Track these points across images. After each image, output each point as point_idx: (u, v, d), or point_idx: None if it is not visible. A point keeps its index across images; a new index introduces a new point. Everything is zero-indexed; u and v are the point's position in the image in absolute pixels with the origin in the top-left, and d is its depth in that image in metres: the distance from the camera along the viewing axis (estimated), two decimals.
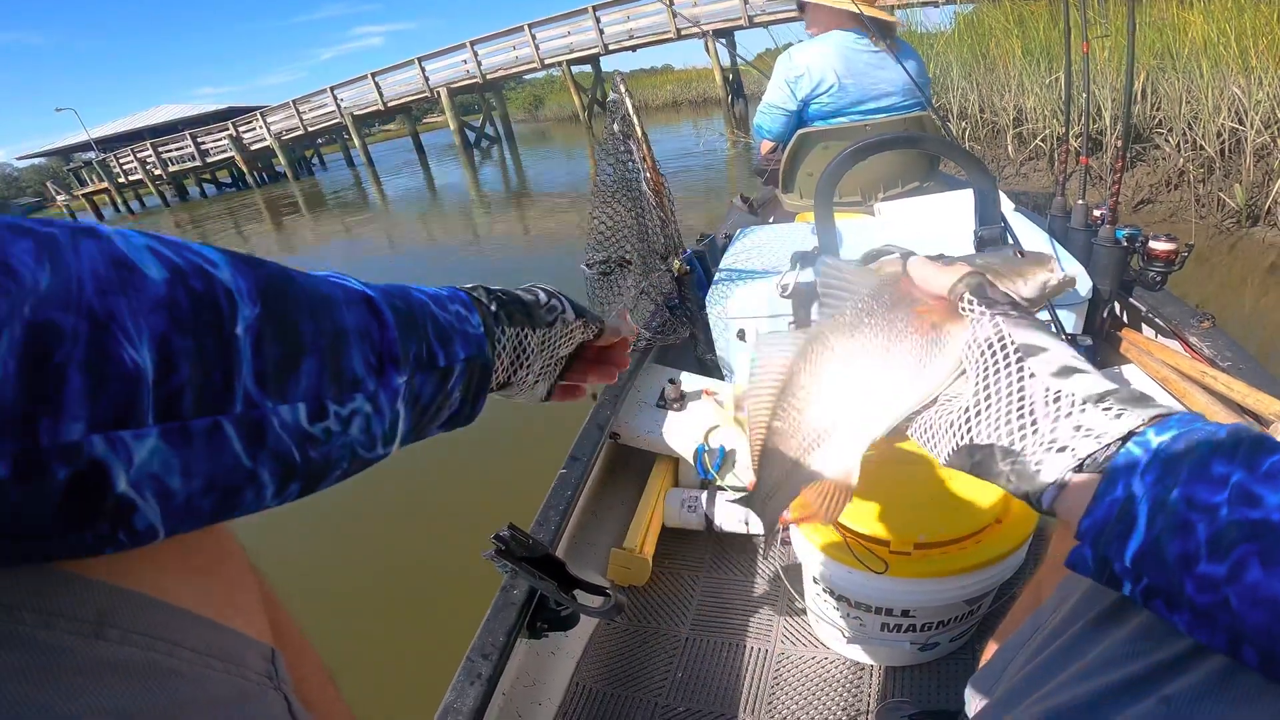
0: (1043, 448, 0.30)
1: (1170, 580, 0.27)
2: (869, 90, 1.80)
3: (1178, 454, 0.27)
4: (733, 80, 15.23)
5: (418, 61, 16.49)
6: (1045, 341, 0.32)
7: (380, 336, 0.30)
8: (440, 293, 0.36)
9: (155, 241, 0.23)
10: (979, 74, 5.04)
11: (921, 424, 0.36)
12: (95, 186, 22.92)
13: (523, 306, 0.41)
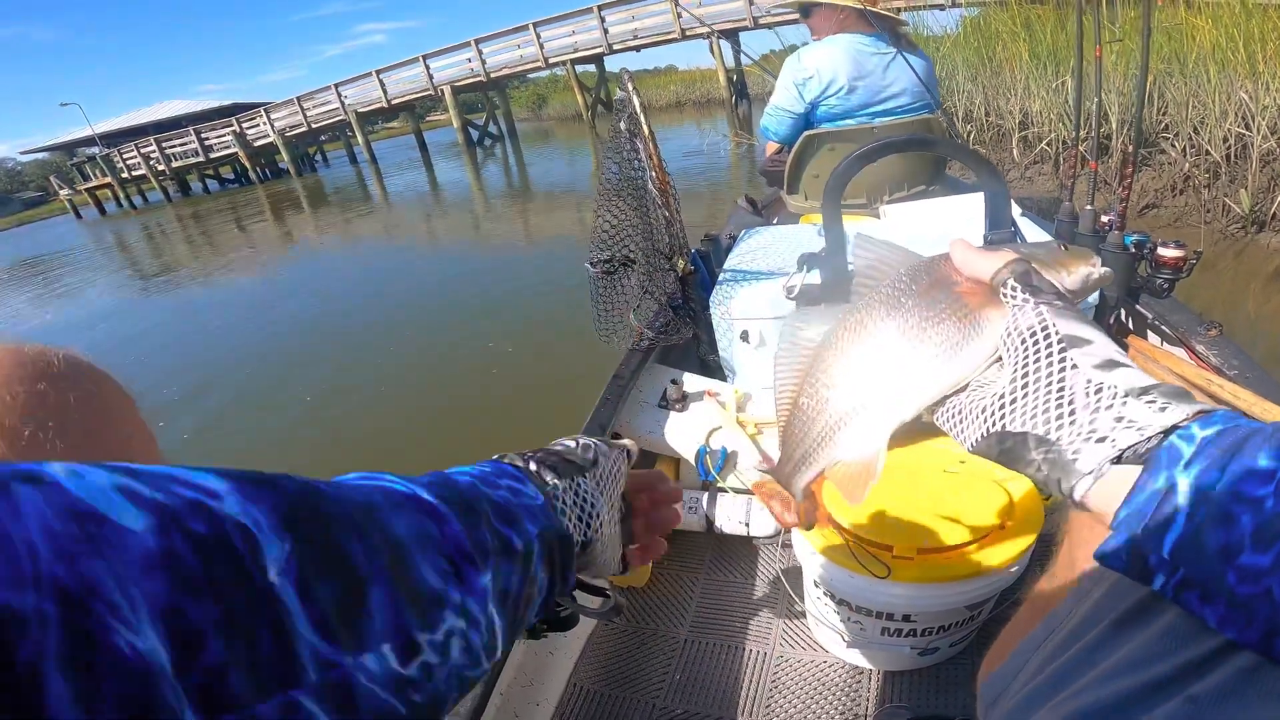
0: (1081, 438, 0.30)
1: (1210, 571, 0.27)
2: (877, 93, 1.79)
3: (1223, 448, 0.27)
4: (737, 81, 15.24)
5: (422, 59, 16.51)
6: (1090, 334, 0.32)
7: (443, 535, 0.26)
8: (482, 470, 0.33)
9: (127, 478, 0.18)
10: (985, 77, 5.03)
11: (950, 409, 0.35)
12: (98, 181, 22.96)
13: (561, 457, 0.38)
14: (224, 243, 10.56)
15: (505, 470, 0.34)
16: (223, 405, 3.63)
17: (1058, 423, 0.31)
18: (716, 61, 15.20)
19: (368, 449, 2.84)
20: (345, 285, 6.04)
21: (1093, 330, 0.33)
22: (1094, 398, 0.30)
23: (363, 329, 4.53)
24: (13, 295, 10.22)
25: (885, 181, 1.82)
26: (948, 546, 0.82)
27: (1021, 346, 0.33)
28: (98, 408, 0.32)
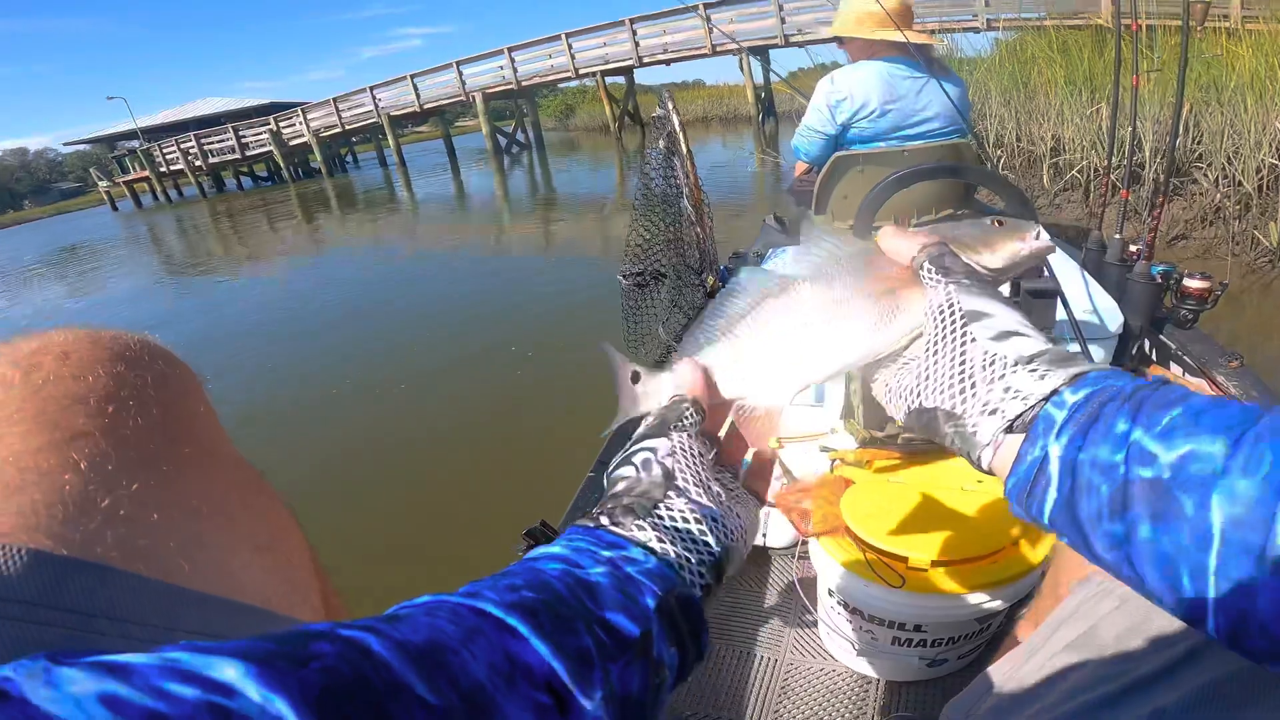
0: (978, 410, 0.31)
1: (1082, 538, 0.27)
2: (909, 116, 1.81)
3: (1088, 413, 0.28)
4: (764, 98, 15.29)
5: (456, 65, 16.77)
6: (990, 307, 0.33)
7: (534, 661, 0.22)
8: (575, 546, 0.29)
9: (114, 682, 0.14)
10: (1018, 101, 5.01)
11: (883, 385, 0.37)
12: (136, 174, 23.59)
13: (634, 495, 0.32)
14: (254, 239, 10.80)
15: (601, 538, 0.30)
16: (247, 396, 3.72)
17: (961, 396, 0.32)
18: (745, 78, 15.30)
19: (390, 448, 2.90)
20: (369, 286, 6.14)
21: (995, 303, 0.33)
22: (989, 370, 0.31)
23: (385, 329, 4.61)
24: (49, 282, 10.53)
25: (913, 204, 1.83)
26: (961, 560, 0.84)
27: (932, 325, 0.34)
28: (171, 388, 0.33)
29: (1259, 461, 0.23)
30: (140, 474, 0.28)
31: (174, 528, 0.28)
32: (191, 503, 0.30)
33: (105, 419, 0.29)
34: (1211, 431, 0.25)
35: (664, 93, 1.33)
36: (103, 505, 0.26)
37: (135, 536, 0.27)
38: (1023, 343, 0.31)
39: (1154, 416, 0.26)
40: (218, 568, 0.29)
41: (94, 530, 0.26)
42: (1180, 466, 0.25)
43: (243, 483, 0.35)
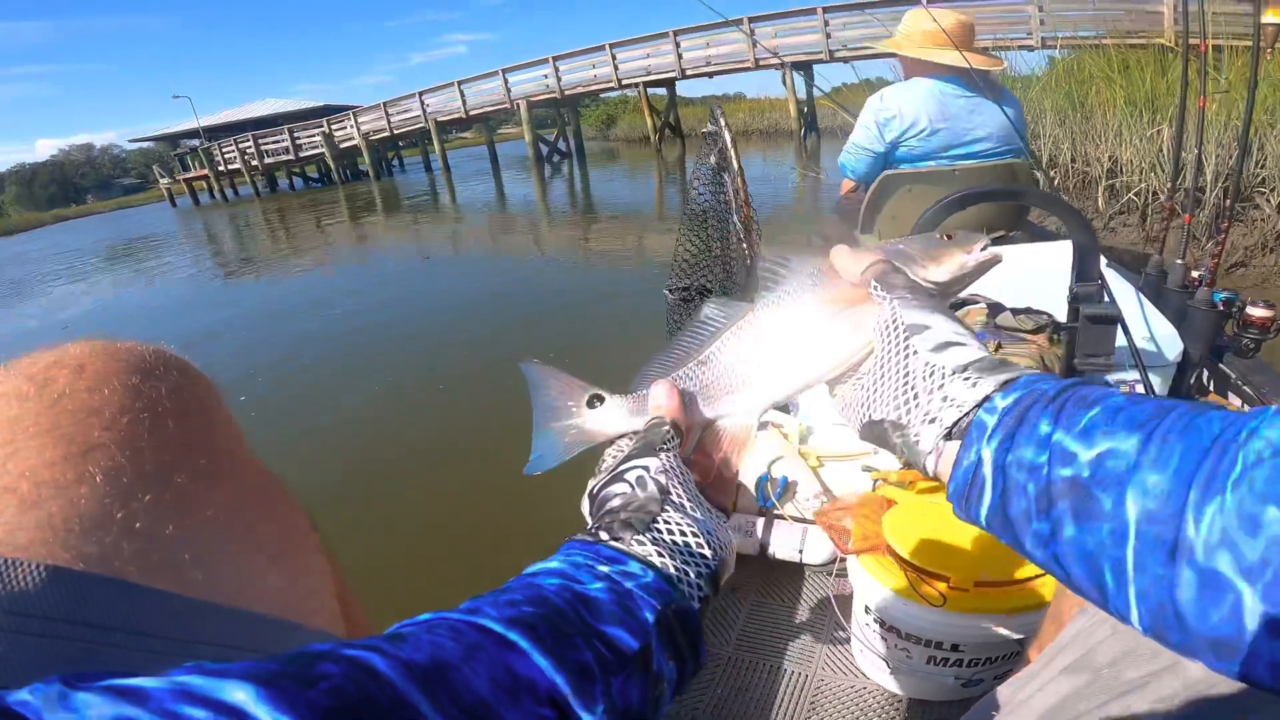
0: (920, 420, 0.32)
1: (1015, 538, 0.28)
2: (961, 135, 1.79)
3: (1015, 416, 0.28)
4: (807, 113, 15.22)
5: (502, 73, 17.13)
6: (930, 319, 0.34)
7: (536, 675, 0.23)
8: (573, 561, 0.29)
9: (125, 705, 0.15)
10: (1074, 122, 4.88)
11: (840, 400, 0.38)
12: (196, 172, 24.63)
13: (630, 509, 0.33)
14: (303, 240, 11.16)
15: (600, 553, 0.30)
16: (284, 389, 3.84)
17: (905, 407, 0.33)
18: (788, 92, 15.26)
19: (422, 446, 2.95)
20: (410, 288, 6.27)
21: (934, 315, 0.35)
22: (929, 380, 0.32)
23: (423, 330, 4.70)
24: (108, 274, 11.04)
25: (963, 226, 1.80)
26: (1005, 581, 0.83)
27: (879, 340, 0.36)
28: (186, 399, 0.33)
29: (1169, 455, 0.24)
30: (155, 486, 0.28)
31: (189, 539, 0.28)
32: (207, 513, 0.30)
33: (120, 431, 0.29)
34: (1126, 428, 0.25)
35: (716, 108, 1.34)
36: (118, 518, 0.27)
37: (151, 549, 0.27)
38: (959, 352, 0.32)
39: (1074, 417, 0.27)
40: (234, 578, 0.29)
41: (110, 544, 0.26)
42: (1098, 464, 0.25)
43: (261, 492, 0.35)
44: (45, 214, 43.84)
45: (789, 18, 12.67)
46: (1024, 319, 1.23)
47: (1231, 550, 0.21)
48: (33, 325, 7.45)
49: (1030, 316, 1.23)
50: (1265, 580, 0.21)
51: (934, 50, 1.73)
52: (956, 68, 1.71)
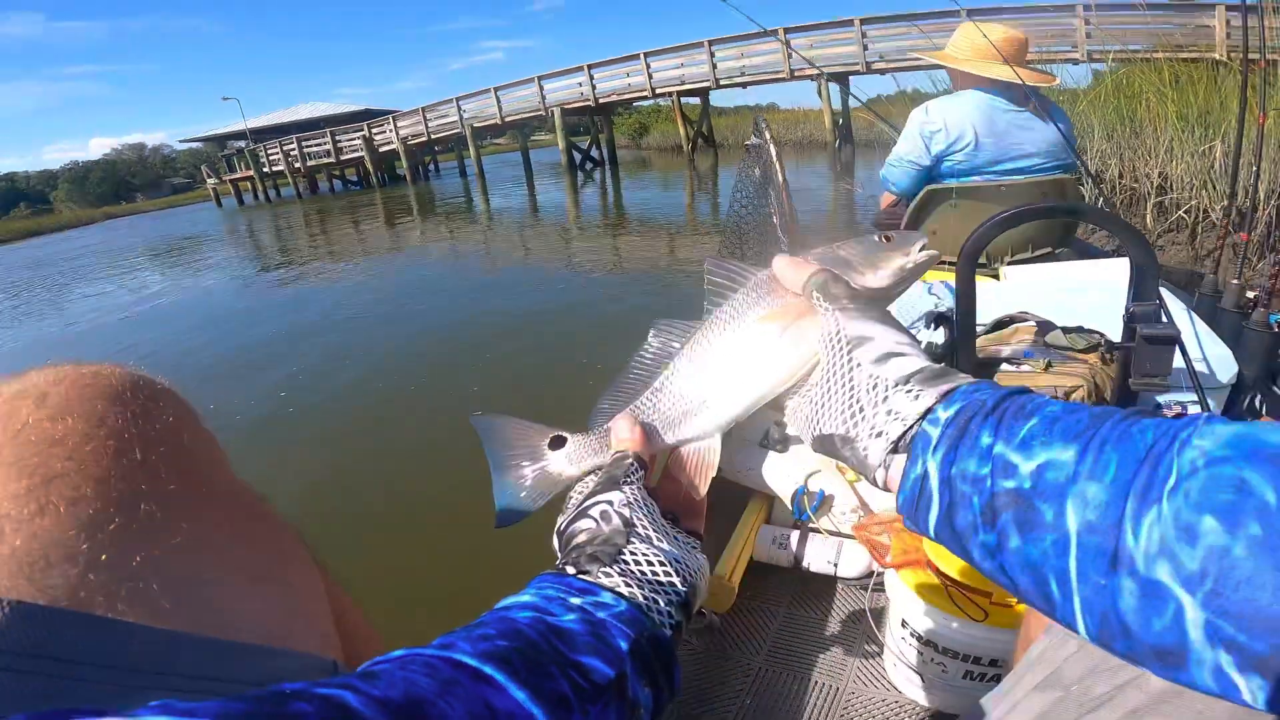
0: (867, 432, 0.32)
1: (962, 548, 0.28)
2: (1008, 150, 1.76)
3: (959, 428, 0.29)
4: (842, 125, 15.11)
5: (537, 80, 17.38)
6: (872, 329, 0.34)
7: (507, 707, 0.23)
8: (545, 594, 0.30)
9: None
10: (1123, 137, 4.76)
11: (790, 412, 0.38)
12: (242, 173, 25.44)
13: (597, 543, 0.34)
14: (341, 242, 11.44)
15: (571, 585, 0.30)
16: (327, 384, 3.93)
17: (853, 420, 0.33)
18: (823, 104, 15.17)
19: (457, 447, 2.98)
20: (441, 292, 6.38)
21: (876, 325, 0.35)
22: (874, 393, 0.32)
23: (456, 334, 4.77)
24: (155, 270, 11.46)
25: (1009, 242, 1.77)
26: None
27: (825, 348, 0.35)
28: (154, 423, 0.32)
29: (1105, 466, 0.24)
30: (121, 515, 0.28)
31: (159, 568, 0.28)
32: (175, 541, 0.29)
33: (84, 460, 0.29)
34: (1063, 439, 0.26)
35: (761, 120, 1.34)
36: (84, 549, 0.26)
37: (119, 580, 0.26)
38: (901, 363, 0.32)
39: (1013, 428, 0.27)
40: (209, 605, 0.29)
41: (76, 576, 0.25)
42: (1038, 475, 0.25)
43: (238, 513, 0.34)
44: (96, 211, 45.76)
45: (826, 29, 12.63)
46: (1075, 337, 1.20)
47: (1171, 560, 0.22)
48: (80, 328, 7.72)
49: (1082, 335, 1.20)
50: (1205, 590, 0.21)
51: (985, 64, 1.70)
52: (1005, 82, 1.69)
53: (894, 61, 11.48)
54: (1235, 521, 0.21)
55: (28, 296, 10.55)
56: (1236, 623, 0.20)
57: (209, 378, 4.39)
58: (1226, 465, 0.22)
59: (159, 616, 0.26)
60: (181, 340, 5.66)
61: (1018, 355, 1.20)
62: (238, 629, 0.29)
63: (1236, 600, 0.20)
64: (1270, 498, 0.20)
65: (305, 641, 0.32)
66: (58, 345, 6.32)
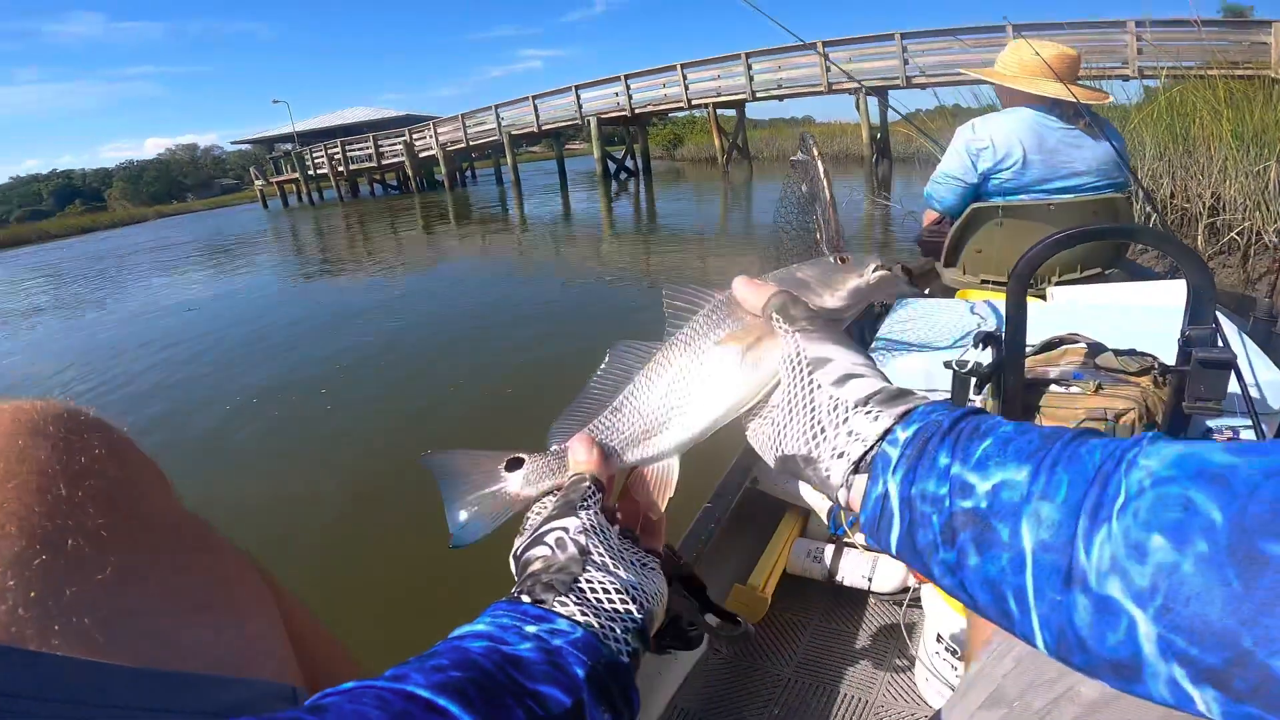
0: (829, 453, 0.32)
1: (924, 565, 0.29)
2: (1057, 168, 1.74)
3: (917, 448, 0.29)
4: (880, 140, 14.95)
5: (574, 89, 17.57)
6: (831, 351, 0.35)
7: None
8: (499, 623, 0.29)
9: None
10: (1174, 156, 4.64)
11: (752, 433, 0.38)
12: (288, 176, 26.23)
13: (552, 570, 0.33)
14: (379, 245, 11.71)
15: (527, 613, 0.30)
16: (351, 384, 4.02)
17: (814, 441, 0.33)
18: (861, 118, 15.04)
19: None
20: (474, 297, 6.46)
21: (835, 347, 0.35)
22: (834, 414, 0.33)
23: (486, 339, 4.84)
24: (201, 269, 11.87)
25: (1056, 261, 1.74)
26: None
27: (785, 373, 0.36)
28: (79, 457, 0.32)
29: (1057, 486, 0.25)
30: (48, 551, 0.28)
31: (91, 602, 0.28)
32: (108, 573, 0.29)
33: (5, 498, 0.28)
34: (1017, 459, 0.26)
35: (808, 137, 1.35)
36: (10, 585, 0.26)
37: (49, 616, 0.26)
38: (859, 385, 0.33)
39: (969, 448, 0.28)
40: (149, 636, 0.29)
41: (5, 613, 0.25)
42: (994, 495, 0.26)
43: (178, 541, 0.34)
44: (148, 209, 47.59)
45: (865, 43, 12.56)
46: (1127, 360, 1.18)
47: (1122, 577, 0.22)
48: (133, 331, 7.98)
49: (1134, 358, 1.18)
50: (1156, 604, 0.21)
51: (1035, 81, 1.69)
52: (1056, 99, 1.67)
53: (935, 76, 11.35)
54: (1183, 539, 0.21)
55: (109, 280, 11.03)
56: (1188, 637, 0.21)
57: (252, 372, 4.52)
58: (1173, 485, 0.22)
59: (95, 650, 0.26)
60: (234, 333, 5.85)
61: (1066, 376, 1.19)
62: (183, 659, 0.29)
63: (1187, 615, 0.21)
64: (1216, 516, 0.21)
65: (258, 667, 0.32)
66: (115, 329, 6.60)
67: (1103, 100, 1.73)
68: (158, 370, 4.97)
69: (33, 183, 69.73)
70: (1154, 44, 8.32)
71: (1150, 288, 1.45)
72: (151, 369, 5.02)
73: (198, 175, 70.48)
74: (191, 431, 3.65)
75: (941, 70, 11.35)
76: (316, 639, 0.42)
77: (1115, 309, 1.39)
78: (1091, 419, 1.06)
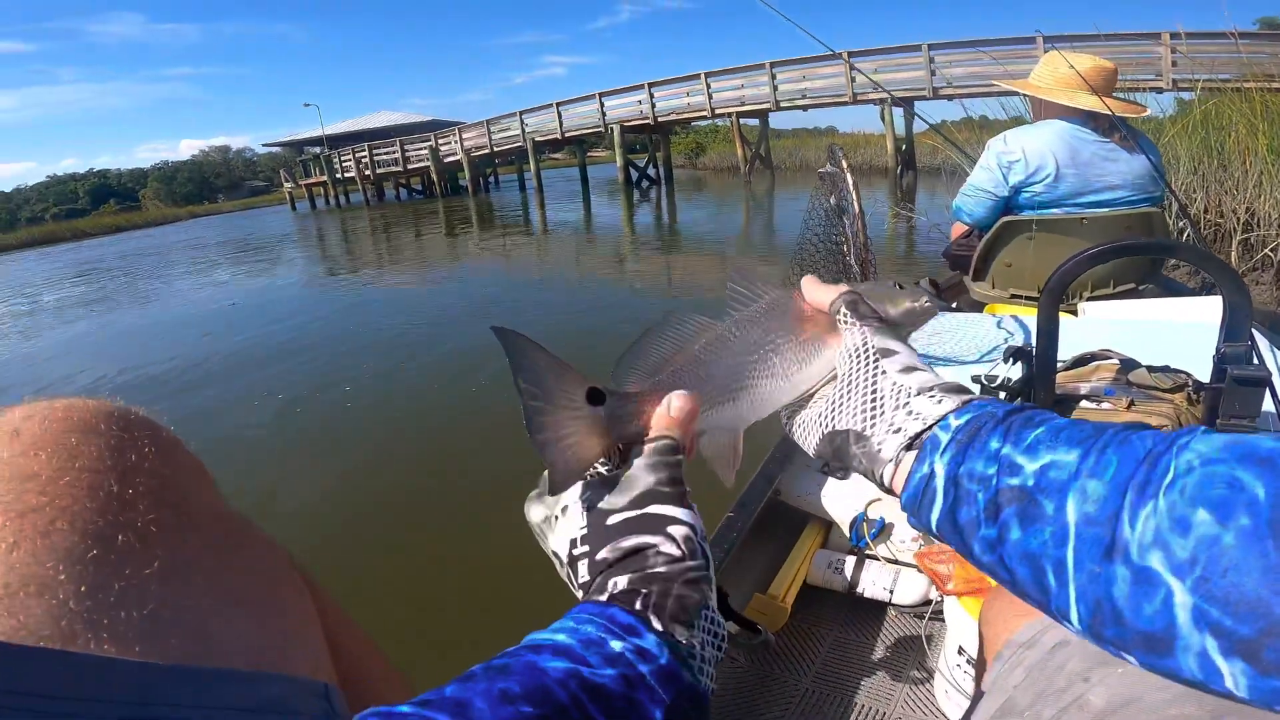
0: (884, 430, 0.34)
1: (963, 543, 0.30)
2: (1091, 182, 1.72)
3: (968, 433, 0.31)
4: (905, 151, 14.83)
5: (598, 96, 17.70)
6: (897, 346, 0.38)
7: None
8: (574, 636, 0.27)
9: None
10: (1208, 170, 4.55)
11: (798, 422, 0.40)
12: (316, 179, 26.73)
13: (681, 569, 0.31)
14: (402, 249, 11.88)
15: (617, 621, 0.28)
16: (385, 383, 4.08)
17: (871, 420, 0.35)
18: (886, 128, 14.94)
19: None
20: (497, 302, 6.53)
21: (900, 344, 0.38)
22: (895, 397, 0.35)
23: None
24: (231, 269, 12.14)
25: (1089, 276, 1.72)
26: None
27: (847, 359, 0.38)
28: (129, 454, 0.33)
29: (1106, 465, 0.26)
30: (98, 546, 0.28)
31: (139, 597, 0.28)
32: (155, 568, 0.29)
33: (57, 495, 0.29)
34: (1068, 444, 0.28)
35: (837, 149, 1.36)
36: (60, 581, 0.26)
37: (99, 610, 0.27)
38: (923, 376, 0.36)
39: (1021, 434, 0.29)
40: (192, 630, 0.29)
41: (55, 607, 0.26)
42: (1042, 474, 0.27)
43: (222, 538, 0.35)
44: (181, 209, 48.82)
45: (892, 53, 12.49)
46: (1161, 377, 1.16)
47: (1164, 549, 0.23)
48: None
49: (1168, 375, 1.16)
50: (1194, 575, 0.22)
51: (1070, 93, 1.67)
52: (1091, 112, 1.65)
53: (963, 87, 11.25)
54: (1226, 514, 0.22)
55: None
56: (1223, 607, 0.21)
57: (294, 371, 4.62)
58: (1221, 465, 0.23)
59: (141, 642, 0.27)
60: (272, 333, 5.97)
61: (1098, 392, 1.17)
62: (224, 654, 0.29)
63: (1223, 585, 0.21)
64: (1260, 493, 0.22)
65: (295, 664, 0.32)
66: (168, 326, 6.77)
67: (1139, 113, 1.71)
68: (208, 363, 5.08)
69: (69, 182, 71.76)
70: (1189, 56, 8.17)
71: (1184, 304, 1.42)
72: (196, 365, 5.14)
73: (229, 177, 71.92)
74: (230, 427, 3.73)
75: (970, 81, 11.25)
76: (350, 636, 0.43)
77: (1148, 325, 1.37)
78: None
